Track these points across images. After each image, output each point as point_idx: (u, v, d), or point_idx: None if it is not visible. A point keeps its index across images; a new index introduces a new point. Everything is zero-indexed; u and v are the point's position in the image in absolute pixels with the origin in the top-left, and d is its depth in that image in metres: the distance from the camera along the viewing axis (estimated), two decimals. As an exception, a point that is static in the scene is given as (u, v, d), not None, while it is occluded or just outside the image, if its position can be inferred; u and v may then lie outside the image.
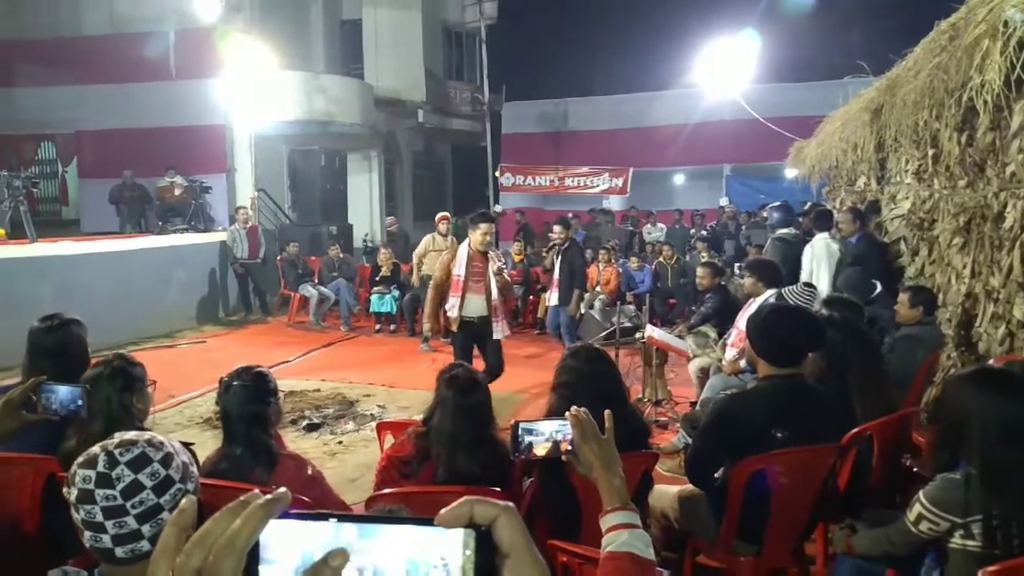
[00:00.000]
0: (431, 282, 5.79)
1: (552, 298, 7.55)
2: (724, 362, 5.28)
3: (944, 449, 2.29)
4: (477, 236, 5.46)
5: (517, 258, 10.88)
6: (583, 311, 8.30)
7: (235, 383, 2.50)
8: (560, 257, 7.39)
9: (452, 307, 5.50)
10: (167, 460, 1.35)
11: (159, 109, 11.89)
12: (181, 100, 11.88)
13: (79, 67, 12.31)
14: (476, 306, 5.52)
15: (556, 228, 7.57)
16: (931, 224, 5.17)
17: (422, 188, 18.10)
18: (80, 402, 2.18)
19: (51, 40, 12.59)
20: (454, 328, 5.60)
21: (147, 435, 1.38)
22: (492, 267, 5.45)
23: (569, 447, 1.55)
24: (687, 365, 5.72)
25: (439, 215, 9.30)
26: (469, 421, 2.55)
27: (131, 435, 1.37)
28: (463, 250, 5.54)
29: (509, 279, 5.87)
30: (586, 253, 9.32)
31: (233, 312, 11.25)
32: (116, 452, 1.32)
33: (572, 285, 7.31)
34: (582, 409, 1.54)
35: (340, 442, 5.44)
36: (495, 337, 5.57)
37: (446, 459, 2.52)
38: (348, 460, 5.03)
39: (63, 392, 2.17)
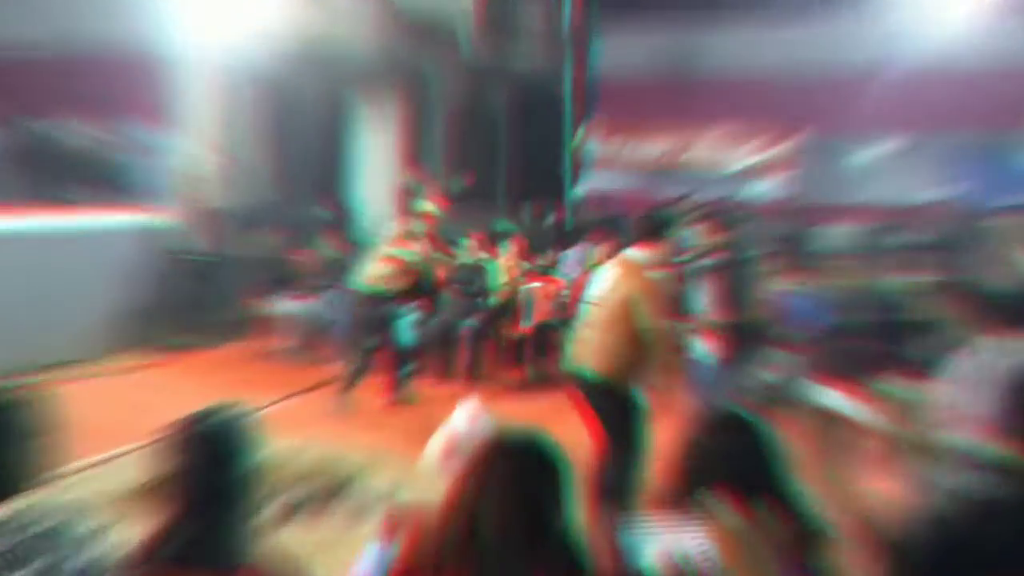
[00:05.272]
0: None
1: None
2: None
3: None
4: None
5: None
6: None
7: (194, 433, 2.51)
8: (713, 275, 7.22)
9: None
10: None
11: (55, 18, 12.18)
12: (92, 6, 12.13)
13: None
14: None
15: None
16: None
17: (463, 154, 18.18)
18: None
19: None
20: None
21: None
22: None
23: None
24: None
25: None
26: (527, 508, 2.47)
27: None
28: None
29: None
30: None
31: (174, 331, 11.38)
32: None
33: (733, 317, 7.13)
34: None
35: (328, 539, 5.48)
36: None
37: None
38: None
39: None
